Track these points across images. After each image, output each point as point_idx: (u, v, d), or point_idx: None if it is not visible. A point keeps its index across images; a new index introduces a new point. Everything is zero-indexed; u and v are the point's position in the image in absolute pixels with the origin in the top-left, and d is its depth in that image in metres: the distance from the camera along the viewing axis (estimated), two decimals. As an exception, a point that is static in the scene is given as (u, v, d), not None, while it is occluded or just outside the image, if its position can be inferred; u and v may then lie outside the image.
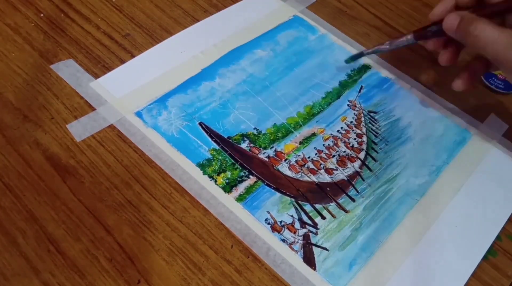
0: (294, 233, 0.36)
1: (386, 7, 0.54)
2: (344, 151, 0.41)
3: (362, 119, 0.44)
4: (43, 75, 0.42)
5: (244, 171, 0.39)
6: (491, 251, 0.37)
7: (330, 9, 0.53)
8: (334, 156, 0.41)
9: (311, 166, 0.40)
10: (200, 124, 0.41)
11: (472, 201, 0.40)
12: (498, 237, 0.38)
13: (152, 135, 0.39)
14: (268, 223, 0.36)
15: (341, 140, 0.42)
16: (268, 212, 0.37)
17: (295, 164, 0.40)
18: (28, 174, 0.36)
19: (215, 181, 0.38)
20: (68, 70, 0.42)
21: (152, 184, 0.37)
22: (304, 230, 0.36)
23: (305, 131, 0.42)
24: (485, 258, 0.37)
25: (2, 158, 0.37)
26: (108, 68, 0.43)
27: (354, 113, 0.44)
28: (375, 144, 0.42)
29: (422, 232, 0.38)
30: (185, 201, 0.37)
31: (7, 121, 0.38)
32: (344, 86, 0.46)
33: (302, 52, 0.48)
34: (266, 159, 0.40)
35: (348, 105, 0.45)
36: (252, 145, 0.40)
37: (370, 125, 0.44)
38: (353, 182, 0.40)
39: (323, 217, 0.37)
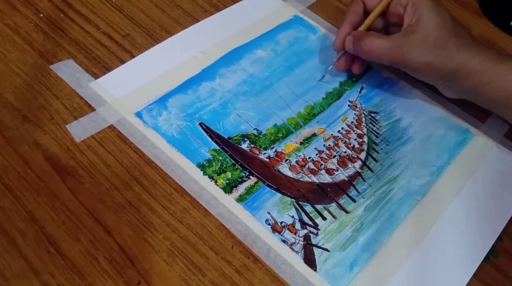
0: (295, 234, 0.36)
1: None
2: (345, 152, 0.41)
3: (363, 119, 0.44)
4: (42, 76, 0.42)
5: (245, 171, 0.38)
6: (492, 252, 0.37)
7: (330, 9, 0.53)
8: (334, 156, 0.41)
9: (312, 166, 0.40)
10: (200, 124, 0.41)
11: (473, 202, 0.40)
12: (499, 238, 0.38)
13: (152, 135, 0.39)
14: (269, 224, 0.36)
15: (341, 140, 0.42)
16: (269, 213, 0.37)
17: (296, 164, 0.40)
18: (27, 175, 0.36)
19: (216, 182, 0.38)
20: (67, 71, 0.42)
21: (152, 184, 0.37)
22: (305, 231, 0.36)
23: (306, 131, 0.42)
24: (486, 259, 0.37)
25: (1, 158, 0.36)
26: (108, 68, 0.43)
27: (354, 114, 0.44)
28: (376, 144, 0.42)
29: (423, 232, 0.37)
30: (185, 202, 0.36)
31: (6, 122, 0.38)
32: (344, 86, 0.46)
33: (303, 52, 0.48)
34: (267, 160, 0.40)
35: (348, 105, 0.45)
36: (252, 145, 0.40)
37: (371, 125, 0.43)
38: (354, 183, 0.40)
39: (324, 218, 0.37)
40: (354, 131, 0.43)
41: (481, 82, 0.39)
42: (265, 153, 0.40)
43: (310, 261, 0.35)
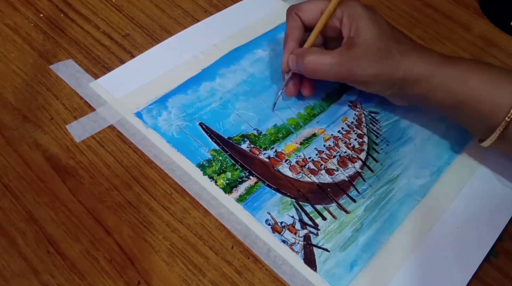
0: (295, 234, 0.36)
1: (387, 7, 0.54)
2: (345, 152, 0.41)
3: (363, 119, 0.44)
4: (42, 76, 0.41)
5: (245, 171, 0.38)
6: (492, 252, 0.37)
7: (330, 9, 0.52)
8: (335, 156, 0.41)
9: (312, 166, 0.40)
10: (200, 124, 0.41)
11: (474, 202, 0.40)
12: (499, 238, 0.38)
13: (152, 135, 0.39)
14: (269, 224, 0.36)
15: (342, 140, 0.42)
16: (269, 213, 0.37)
17: (296, 164, 0.40)
18: (27, 175, 0.36)
19: (215, 182, 0.38)
20: (67, 71, 0.42)
21: (152, 184, 0.37)
22: (305, 231, 0.36)
23: (306, 131, 0.42)
24: (486, 259, 0.37)
25: (1, 158, 0.36)
26: (108, 69, 0.43)
27: (355, 114, 0.44)
28: (376, 144, 0.42)
29: (424, 232, 0.37)
30: (185, 202, 0.36)
31: (6, 122, 0.38)
32: (344, 86, 0.46)
33: (303, 52, 0.48)
34: (267, 160, 0.39)
35: (349, 105, 0.44)
36: (252, 145, 0.40)
37: (371, 125, 0.43)
38: (354, 183, 0.40)
39: (324, 218, 0.37)
40: (354, 131, 0.43)
41: (430, 87, 0.37)
42: (265, 153, 0.40)
43: (310, 261, 0.35)
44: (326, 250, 0.36)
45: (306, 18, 0.41)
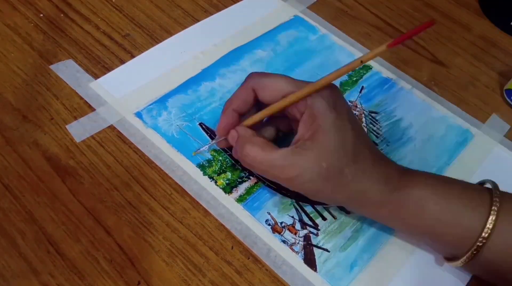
0: (295, 234, 0.36)
1: (387, 7, 0.54)
2: (345, 152, 0.41)
3: (363, 119, 0.44)
4: (42, 76, 0.41)
5: (245, 172, 0.38)
6: (492, 252, 0.37)
7: (331, 9, 0.53)
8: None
9: (312, 166, 0.40)
10: (200, 124, 0.41)
11: (474, 202, 0.39)
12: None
13: (152, 135, 0.39)
14: (269, 224, 0.36)
15: (342, 140, 0.42)
16: (269, 213, 0.37)
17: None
18: (27, 175, 0.36)
19: (215, 182, 0.38)
20: (67, 71, 0.42)
21: (152, 185, 0.37)
22: (305, 231, 0.36)
23: (306, 131, 0.42)
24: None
25: (1, 158, 0.36)
26: (108, 69, 0.43)
27: (355, 114, 0.44)
28: (376, 144, 0.42)
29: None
30: (185, 202, 0.36)
31: (6, 122, 0.38)
32: (344, 86, 0.46)
33: (303, 52, 0.48)
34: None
35: (349, 105, 0.44)
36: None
37: (371, 125, 0.43)
38: (354, 183, 0.39)
39: (324, 218, 0.37)
40: (354, 131, 0.43)
41: (378, 215, 0.34)
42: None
43: (310, 261, 0.35)
44: (326, 250, 0.36)
45: (263, 96, 0.35)
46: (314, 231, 0.36)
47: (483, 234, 0.31)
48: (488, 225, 0.31)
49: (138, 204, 0.36)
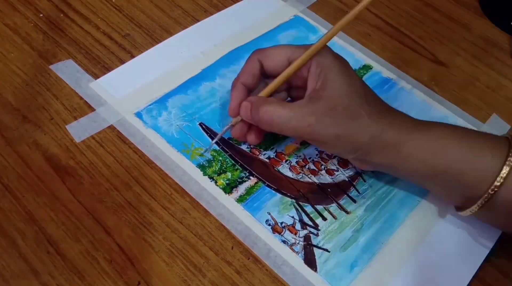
0: (295, 234, 0.36)
1: (388, 7, 0.54)
2: (345, 152, 0.41)
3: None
4: (42, 76, 0.41)
5: (245, 172, 0.38)
6: (493, 253, 0.37)
7: (331, 9, 0.53)
8: (335, 157, 0.41)
9: (312, 167, 0.40)
10: (200, 124, 0.41)
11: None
12: (500, 238, 0.38)
13: (152, 135, 0.39)
14: (269, 224, 0.36)
15: (342, 140, 0.42)
16: (269, 213, 0.37)
17: (296, 165, 0.40)
18: (27, 175, 0.36)
19: (216, 182, 0.37)
20: (67, 71, 0.42)
21: (152, 185, 0.37)
22: (305, 231, 0.36)
23: (306, 131, 0.42)
24: (487, 259, 0.37)
25: (1, 158, 0.36)
26: (107, 69, 0.43)
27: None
28: (376, 144, 0.42)
29: (424, 233, 0.37)
30: (185, 202, 0.36)
31: (6, 122, 0.38)
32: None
33: (303, 52, 0.48)
34: (267, 160, 0.39)
35: (349, 105, 0.44)
36: (252, 146, 0.40)
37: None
38: (354, 183, 0.39)
39: (324, 218, 0.37)
40: (354, 131, 0.43)
41: (399, 156, 0.34)
42: (265, 154, 0.40)
43: (310, 261, 0.35)
44: (327, 250, 0.36)
45: (270, 65, 0.36)
46: (314, 231, 0.36)
47: (502, 172, 0.32)
48: (507, 163, 0.32)
49: (138, 204, 0.36)
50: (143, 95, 0.41)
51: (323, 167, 0.40)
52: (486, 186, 0.32)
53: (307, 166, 0.40)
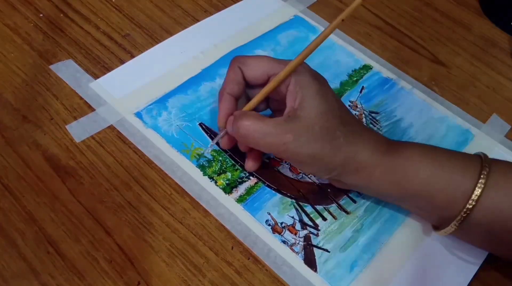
0: (295, 234, 0.36)
1: (388, 7, 0.54)
2: (345, 152, 0.41)
3: (364, 119, 0.44)
4: (42, 76, 0.41)
5: (245, 172, 0.38)
6: (493, 253, 0.37)
7: (331, 9, 0.53)
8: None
9: (312, 167, 0.40)
10: (200, 124, 0.41)
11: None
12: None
13: (152, 135, 0.39)
14: (269, 225, 0.36)
15: (342, 140, 0.42)
16: (269, 214, 0.37)
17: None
18: (27, 175, 0.36)
19: (215, 182, 0.37)
20: (67, 71, 0.42)
21: (152, 185, 0.37)
22: (305, 232, 0.36)
23: (306, 131, 0.42)
24: (487, 259, 0.37)
25: (1, 159, 0.36)
26: (107, 69, 0.43)
27: (355, 114, 0.44)
28: (377, 144, 0.42)
29: (424, 233, 0.37)
30: (185, 202, 0.36)
31: (6, 122, 0.38)
32: (345, 86, 0.46)
33: (303, 52, 0.47)
34: (267, 160, 0.39)
35: (349, 105, 0.44)
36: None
37: (371, 125, 0.43)
38: (354, 183, 0.39)
39: (324, 219, 0.37)
40: (354, 131, 0.43)
41: (372, 178, 0.34)
42: (265, 154, 0.40)
43: (310, 261, 0.35)
44: (327, 250, 0.36)
45: (249, 74, 0.36)
46: (314, 231, 0.36)
47: (474, 194, 0.32)
48: (479, 185, 0.32)
49: (138, 205, 0.36)
50: (143, 95, 0.41)
51: (323, 167, 0.40)
52: (459, 208, 0.32)
53: (307, 166, 0.40)
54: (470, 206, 0.32)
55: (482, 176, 0.32)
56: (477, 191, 0.32)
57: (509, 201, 0.32)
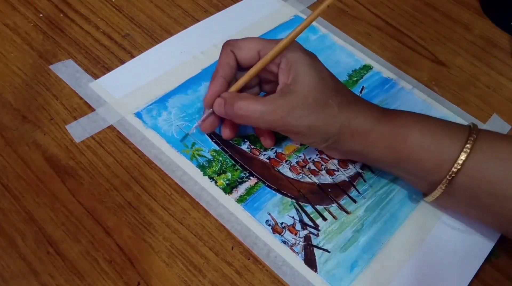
0: (295, 234, 0.36)
1: (388, 7, 0.54)
2: (346, 152, 0.41)
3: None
4: (42, 76, 0.41)
5: (245, 172, 0.38)
6: (493, 253, 0.37)
7: (331, 9, 0.52)
8: (335, 157, 0.41)
9: (312, 167, 0.40)
10: (200, 124, 0.41)
11: (475, 202, 0.39)
12: (500, 238, 0.38)
13: (152, 136, 0.39)
14: (269, 225, 0.36)
15: (342, 140, 0.42)
16: (269, 214, 0.37)
17: (296, 165, 0.40)
18: (27, 175, 0.36)
19: (216, 182, 0.37)
20: (67, 71, 0.42)
21: (152, 185, 0.37)
22: (305, 232, 0.36)
23: (306, 131, 0.42)
24: (487, 260, 0.37)
25: (1, 159, 0.36)
26: (107, 69, 0.43)
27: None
28: (377, 144, 0.42)
29: (424, 233, 0.37)
30: (185, 203, 0.36)
31: (6, 122, 0.38)
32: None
33: (303, 52, 0.47)
34: (267, 161, 0.39)
35: (349, 105, 0.44)
36: (252, 146, 0.40)
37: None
38: (354, 183, 0.39)
39: (324, 219, 0.37)
40: (354, 131, 0.43)
41: (367, 142, 0.35)
42: (265, 154, 0.40)
43: (310, 262, 0.35)
44: (327, 250, 0.36)
45: (241, 56, 0.37)
46: (315, 231, 0.36)
47: (460, 158, 0.33)
48: (465, 150, 0.33)
49: (138, 205, 0.36)
50: (143, 95, 0.41)
51: (323, 167, 0.40)
52: (445, 172, 0.34)
53: (307, 166, 0.40)
54: (455, 170, 0.33)
55: (468, 142, 0.33)
56: (463, 156, 0.33)
57: (493, 167, 0.33)
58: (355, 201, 0.38)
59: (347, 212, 0.38)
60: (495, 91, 0.48)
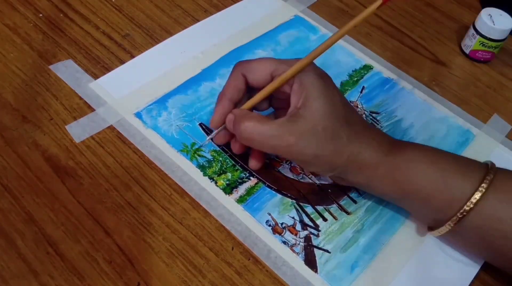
0: (295, 235, 0.36)
1: (388, 7, 0.54)
2: (346, 152, 0.41)
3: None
4: (42, 76, 0.41)
5: (245, 172, 0.38)
6: (494, 253, 0.37)
7: (331, 9, 0.52)
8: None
9: (313, 167, 0.40)
10: (200, 125, 0.40)
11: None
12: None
13: (152, 136, 0.39)
14: (269, 225, 0.36)
15: (342, 141, 0.42)
16: (269, 214, 0.36)
17: (296, 165, 0.39)
18: (26, 175, 0.36)
19: (216, 183, 0.37)
20: (67, 71, 0.42)
21: (152, 185, 0.37)
22: (306, 232, 0.36)
23: (306, 132, 0.42)
24: (488, 260, 0.37)
25: (0, 159, 0.36)
26: (107, 69, 0.43)
27: (355, 114, 0.44)
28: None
29: (425, 234, 0.37)
30: (185, 203, 0.36)
31: (5, 122, 0.38)
32: (345, 86, 0.46)
33: (303, 52, 0.47)
34: (267, 161, 0.39)
35: (349, 105, 0.44)
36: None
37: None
38: (354, 184, 0.39)
39: (325, 219, 0.37)
40: (355, 131, 0.43)
41: (375, 176, 0.34)
42: (267, 154, 0.40)
43: (310, 262, 0.35)
44: (327, 251, 0.35)
45: (253, 79, 0.36)
46: (315, 232, 0.36)
47: (474, 197, 0.32)
48: (480, 189, 0.32)
49: (137, 205, 0.36)
50: (143, 95, 0.41)
51: (323, 167, 0.40)
52: (455, 210, 0.32)
53: (307, 167, 0.40)
54: (468, 208, 0.32)
55: (485, 181, 0.32)
56: (477, 195, 0.32)
57: (507, 207, 0.32)
58: (355, 202, 0.38)
59: (348, 213, 0.38)
60: (495, 91, 0.48)
